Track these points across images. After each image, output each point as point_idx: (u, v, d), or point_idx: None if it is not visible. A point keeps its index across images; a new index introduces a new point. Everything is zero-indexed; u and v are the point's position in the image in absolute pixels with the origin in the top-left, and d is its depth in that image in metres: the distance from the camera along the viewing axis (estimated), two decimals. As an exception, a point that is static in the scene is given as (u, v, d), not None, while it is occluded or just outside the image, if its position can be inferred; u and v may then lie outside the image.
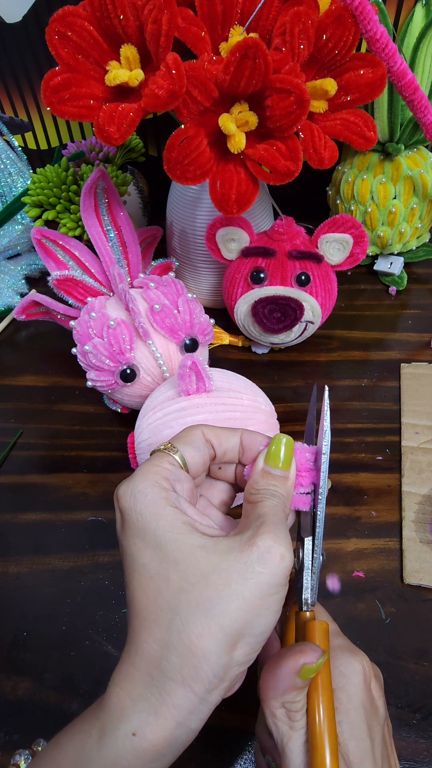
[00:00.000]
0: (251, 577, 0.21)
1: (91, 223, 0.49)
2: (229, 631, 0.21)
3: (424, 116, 0.50)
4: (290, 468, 0.26)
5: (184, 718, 0.21)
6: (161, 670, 0.21)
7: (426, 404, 0.51)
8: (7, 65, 0.64)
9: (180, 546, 0.22)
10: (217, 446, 0.27)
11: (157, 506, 0.23)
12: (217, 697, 0.22)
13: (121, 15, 0.40)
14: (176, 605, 0.22)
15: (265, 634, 0.22)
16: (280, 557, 0.22)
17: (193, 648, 0.21)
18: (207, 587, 0.21)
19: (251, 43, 0.37)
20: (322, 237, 0.50)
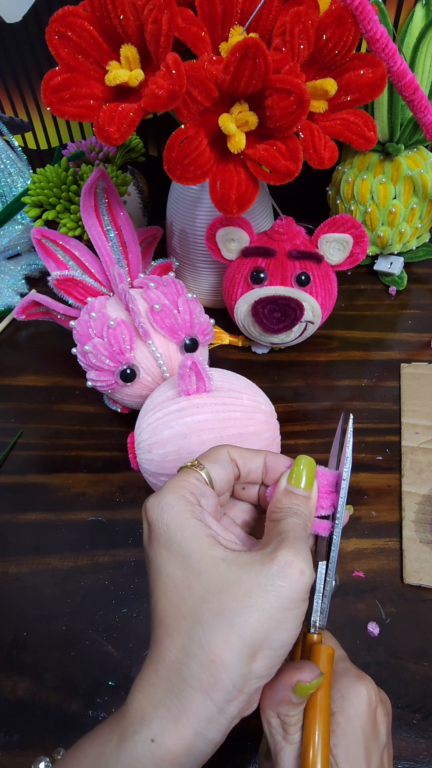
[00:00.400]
0: (272, 590, 0.22)
1: (91, 223, 0.49)
2: (249, 641, 0.22)
3: (424, 116, 0.50)
4: (312, 488, 0.27)
5: (203, 727, 0.21)
6: (181, 677, 0.22)
7: (426, 404, 0.51)
8: (7, 65, 0.64)
9: (203, 557, 0.23)
10: (242, 466, 0.28)
11: (182, 518, 0.24)
12: (235, 709, 0.22)
13: (121, 15, 0.40)
14: (198, 614, 0.22)
15: (285, 649, 0.23)
16: (300, 572, 0.22)
17: (213, 656, 0.21)
18: (228, 598, 0.22)
19: (251, 43, 0.37)
20: (322, 237, 0.50)
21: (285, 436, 0.46)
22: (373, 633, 0.38)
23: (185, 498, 0.25)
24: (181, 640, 0.22)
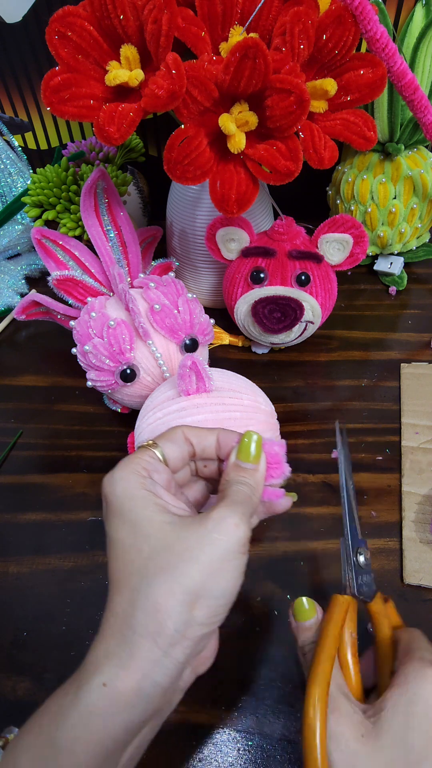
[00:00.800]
0: (208, 543, 0.24)
1: (91, 223, 0.49)
2: (189, 590, 0.24)
3: (424, 116, 0.50)
4: (259, 461, 0.28)
5: (150, 669, 0.23)
6: (130, 626, 0.24)
7: (426, 404, 0.51)
8: (7, 65, 0.64)
9: (151, 522, 0.25)
10: (196, 444, 0.30)
11: (132, 489, 0.26)
12: (180, 654, 0.24)
13: (121, 15, 0.40)
14: (144, 571, 0.24)
15: (225, 598, 0.25)
16: (234, 525, 0.25)
17: (157, 605, 0.24)
18: (171, 554, 0.24)
19: (251, 43, 0.37)
20: (322, 237, 0.50)
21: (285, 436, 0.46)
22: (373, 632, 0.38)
23: (137, 472, 0.27)
24: (129, 594, 0.24)
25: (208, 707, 0.36)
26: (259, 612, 0.40)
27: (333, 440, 0.50)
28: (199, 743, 0.34)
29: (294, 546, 0.43)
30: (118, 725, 0.23)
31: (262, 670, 0.37)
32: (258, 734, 0.35)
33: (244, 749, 0.34)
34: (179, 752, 0.34)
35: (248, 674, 0.37)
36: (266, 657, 0.38)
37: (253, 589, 0.41)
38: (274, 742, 0.34)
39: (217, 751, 0.34)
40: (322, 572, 0.41)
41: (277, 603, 0.40)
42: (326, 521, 0.44)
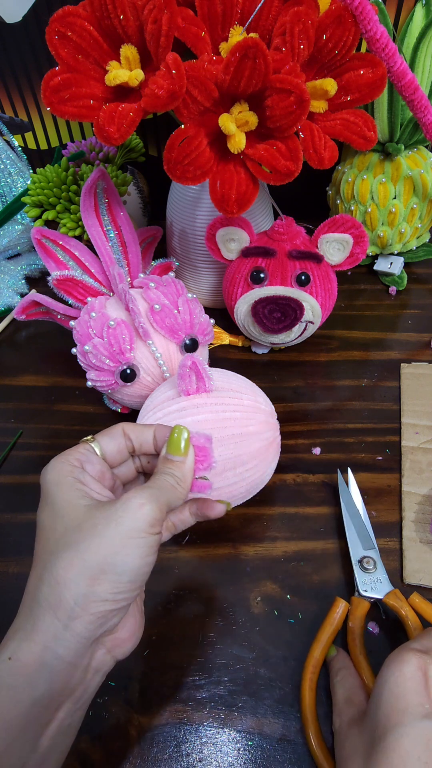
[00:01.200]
0: (113, 521, 0.25)
1: (91, 223, 0.49)
2: (91, 564, 0.24)
3: (424, 116, 0.50)
4: (187, 454, 0.30)
5: (50, 642, 0.24)
6: (36, 600, 0.25)
7: (426, 404, 0.51)
8: (7, 65, 0.64)
9: (68, 504, 0.27)
10: (134, 439, 0.31)
11: (60, 476, 0.28)
12: (82, 628, 0.24)
13: (121, 15, 0.40)
14: (54, 548, 0.26)
15: (129, 575, 0.25)
16: (138, 505, 0.26)
17: (59, 578, 0.24)
18: (79, 532, 0.25)
19: (251, 43, 0.37)
20: (322, 237, 0.50)
21: (285, 436, 0.46)
22: (374, 632, 0.38)
23: (68, 462, 0.28)
24: (39, 570, 0.26)
25: (208, 707, 0.36)
26: (259, 612, 0.40)
27: (333, 440, 0.50)
28: (199, 743, 0.34)
29: (294, 546, 0.43)
30: (25, 699, 0.23)
31: (261, 669, 0.37)
32: (258, 734, 0.35)
33: (244, 749, 0.34)
34: (179, 752, 0.34)
35: (248, 674, 0.37)
36: (266, 657, 0.38)
37: (253, 589, 0.41)
38: (274, 742, 0.34)
39: (217, 751, 0.34)
40: (322, 572, 0.41)
41: (277, 603, 0.40)
42: (326, 521, 0.44)
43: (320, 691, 0.36)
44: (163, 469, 0.29)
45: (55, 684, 0.24)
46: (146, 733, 0.35)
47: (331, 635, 0.37)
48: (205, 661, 0.38)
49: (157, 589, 0.41)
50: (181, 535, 0.44)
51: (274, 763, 0.34)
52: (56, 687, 0.24)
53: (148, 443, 0.32)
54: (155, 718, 0.35)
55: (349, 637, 0.37)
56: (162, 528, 0.27)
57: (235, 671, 0.37)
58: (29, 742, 0.24)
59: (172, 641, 0.39)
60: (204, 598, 0.40)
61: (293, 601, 0.40)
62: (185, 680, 0.37)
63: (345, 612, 0.38)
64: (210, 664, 0.37)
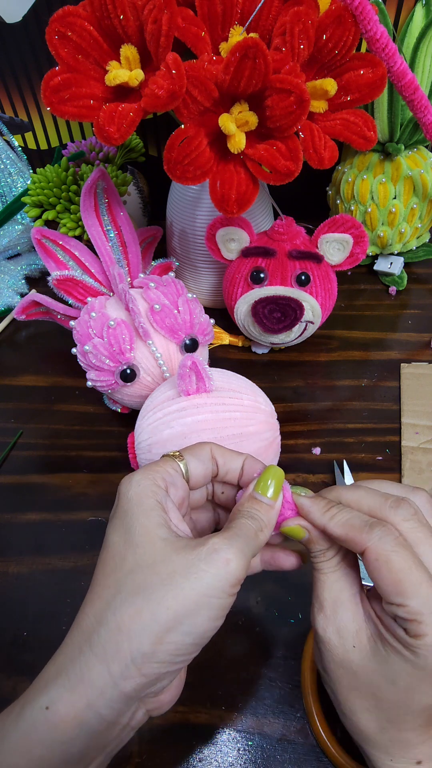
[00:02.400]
0: (194, 573, 0.22)
1: (91, 223, 0.49)
2: (160, 619, 0.22)
3: (424, 116, 0.50)
4: (277, 498, 0.27)
5: (95, 698, 0.21)
6: (90, 643, 0.22)
7: (426, 404, 0.51)
8: (7, 65, 0.64)
9: (145, 532, 0.24)
10: (221, 465, 0.28)
11: (144, 495, 0.25)
12: (131, 689, 0.22)
13: (121, 15, 0.40)
14: (121, 585, 0.23)
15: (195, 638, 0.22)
16: (225, 561, 0.22)
17: (122, 626, 0.22)
18: (153, 574, 0.22)
19: (251, 43, 0.37)
20: (322, 237, 0.50)
21: (285, 436, 0.46)
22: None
23: (154, 481, 0.25)
24: (101, 607, 0.23)
25: (208, 707, 0.36)
26: (259, 612, 0.40)
27: (333, 440, 0.50)
28: (199, 743, 0.34)
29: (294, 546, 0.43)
30: (57, 756, 0.21)
31: (262, 670, 0.37)
32: (258, 734, 0.35)
33: (244, 749, 0.34)
34: (179, 752, 0.34)
35: (248, 674, 0.37)
36: (266, 657, 0.38)
37: (253, 589, 0.41)
38: (274, 742, 0.34)
39: (217, 751, 0.34)
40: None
41: (277, 603, 0.40)
42: (326, 521, 0.44)
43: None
44: (249, 510, 0.26)
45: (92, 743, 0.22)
46: (146, 733, 0.35)
47: None
48: (205, 661, 0.38)
49: (157, 589, 0.41)
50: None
51: (274, 763, 0.34)
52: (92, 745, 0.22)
53: (234, 472, 0.28)
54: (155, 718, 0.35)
55: None
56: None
57: (235, 671, 0.37)
58: None
59: (172, 641, 0.39)
60: (204, 598, 0.40)
61: (293, 601, 0.40)
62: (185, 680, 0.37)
63: None
64: (210, 664, 0.37)
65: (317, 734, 0.34)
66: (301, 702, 0.36)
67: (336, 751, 0.33)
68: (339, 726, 0.34)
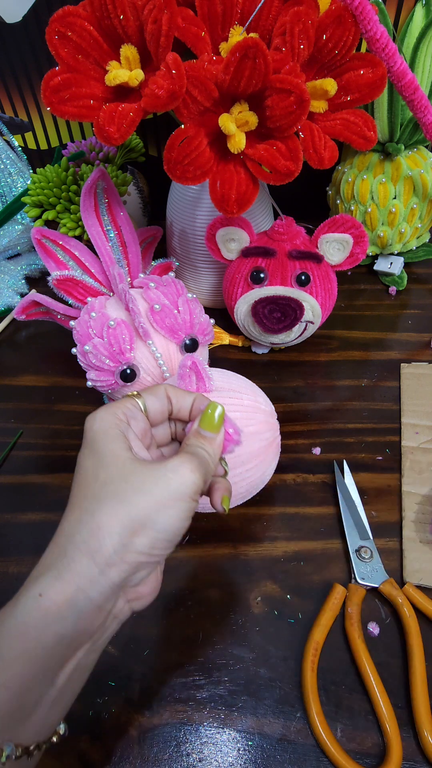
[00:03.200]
0: (163, 481, 0.26)
1: (91, 223, 0.49)
2: (134, 517, 0.25)
3: (424, 116, 0.50)
4: (219, 432, 0.30)
5: (84, 584, 0.25)
6: (72, 542, 0.25)
7: (426, 404, 0.51)
8: (7, 65, 0.64)
9: (114, 455, 0.27)
10: (175, 403, 0.32)
11: (107, 427, 0.28)
12: (116, 576, 0.25)
13: (121, 15, 0.40)
14: (97, 494, 0.26)
15: (167, 534, 0.26)
16: (190, 470, 0.27)
17: (101, 525, 0.25)
18: (125, 483, 0.26)
19: (251, 43, 0.37)
20: (322, 237, 0.50)
21: (285, 436, 0.46)
22: (373, 633, 0.38)
23: (116, 415, 0.29)
24: (80, 513, 0.26)
25: (208, 707, 0.36)
26: (259, 612, 0.40)
27: (333, 440, 0.50)
28: (199, 743, 0.34)
29: (294, 546, 0.43)
30: (51, 636, 0.24)
31: (261, 669, 0.37)
32: (258, 734, 0.35)
33: (244, 749, 0.34)
34: (179, 752, 0.34)
35: (248, 674, 0.37)
36: (266, 657, 0.38)
37: (253, 589, 0.41)
38: (274, 742, 0.34)
39: (217, 751, 0.34)
40: (322, 572, 0.41)
41: (277, 603, 0.40)
42: (326, 521, 0.44)
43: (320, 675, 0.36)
44: (196, 442, 0.29)
45: (80, 625, 0.25)
46: (146, 733, 0.35)
47: (330, 619, 0.38)
48: (205, 661, 0.38)
49: (157, 589, 0.41)
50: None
51: (274, 763, 0.34)
52: (81, 628, 0.25)
53: (185, 409, 0.32)
54: (155, 718, 0.35)
55: (347, 622, 0.38)
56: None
57: (235, 671, 0.37)
58: (48, 678, 0.24)
59: (172, 641, 0.39)
60: (204, 598, 0.40)
61: (293, 601, 0.40)
62: (185, 680, 0.37)
63: (343, 597, 0.39)
64: (210, 664, 0.37)
65: (317, 734, 0.34)
66: (301, 702, 0.36)
67: (336, 751, 0.33)
68: (339, 726, 0.34)
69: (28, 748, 0.24)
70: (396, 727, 0.34)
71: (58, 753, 0.34)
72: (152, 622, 0.39)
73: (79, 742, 0.35)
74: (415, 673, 0.35)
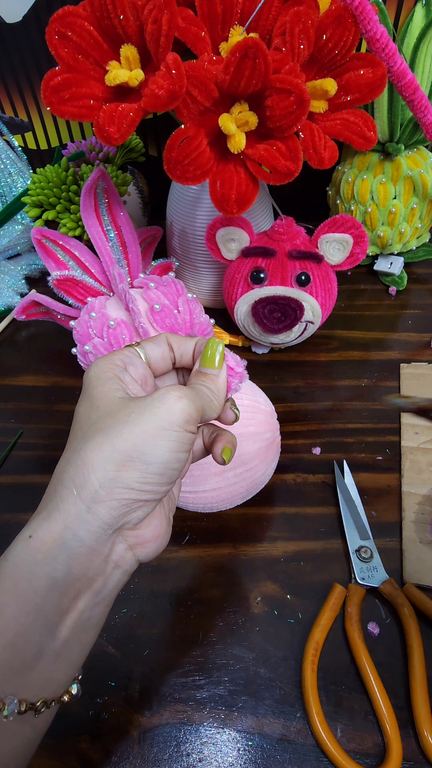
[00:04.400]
0: (148, 410, 0.25)
1: (91, 223, 0.49)
2: (120, 449, 0.24)
3: (424, 116, 0.50)
4: (221, 368, 0.29)
5: (72, 522, 0.24)
6: (61, 482, 0.25)
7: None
8: (7, 65, 0.64)
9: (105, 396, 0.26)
10: (176, 349, 0.31)
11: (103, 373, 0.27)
12: (105, 513, 0.24)
13: (121, 15, 0.40)
14: (86, 432, 0.25)
15: (158, 467, 0.25)
16: (177, 397, 0.25)
17: (86, 459, 0.24)
18: (112, 418, 0.25)
19: (251, 43, 0.37)
20: (322, 237, 0.50)
21: (285, 436, 0.46)
22: (374, 633, 0.38)
23: (113, 362, 0.28)
24: (69, 453, 0.25)
25: (208, 707, 0.36)
26: (259, 612, 0.40)
27: (333, 440, 0.50)
28: (199, 743, 0.34)
29: (294, 546, 0.43)
30: (43, 578, 0.23)
31: (261, 669, 0.37)
32: (258, 734, 0.35)
33: (244, 749, 0.34)
34: (179, 752, 0.34)
35: (248, 674, 0.37)
36: (266, 657, 0.38)
37: (253, 589, 0.41)
38: (274, 742, 0.34)
39: (217, 751, 0.34)
40: (322, 572, 0.41)
41: (277, 603, 0.40)
42: (326, 521, 0.44)
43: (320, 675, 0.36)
44: (197, 381, 0.29)
45: (74, 568, 0.24)
46: (146, 733, 0.35)
47: (330, 619, 0.38)
48: (205, 661, 0.38)
49: (157, 589, 0.41)
50: (181, 535, 0.44)
51: (274, 763, 0.34)
52: (75, 571, 0.24)
53: (188, 355, 0.31)
54: (155, 718, 0.35)
55: (347, 622, 0.38)
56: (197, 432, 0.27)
57: (235, 671, 0.37)
58: (47, 627, 0.24)
59: (172, 641, 0.39)
60: (204, 598, 0.41)
61: (293, 601, 0.40)
62: (185, 680, 0.37)
63: (343, 597, 0.39)
64: (210, 664, 0.37)
65: (317, 734, 0.34)
66: (301, 702, 0.36)
67: (336, 751, 0.33)
68: (339, 726, 0.34)
69: (34, 704, 0.23)
70: (396, 727, 0.34)
71: (58, 753, 0.34)
72: (152, 622, 0.39)
73: (79, 742, 0.35)
74: (415, 673, 0.35)
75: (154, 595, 0.41)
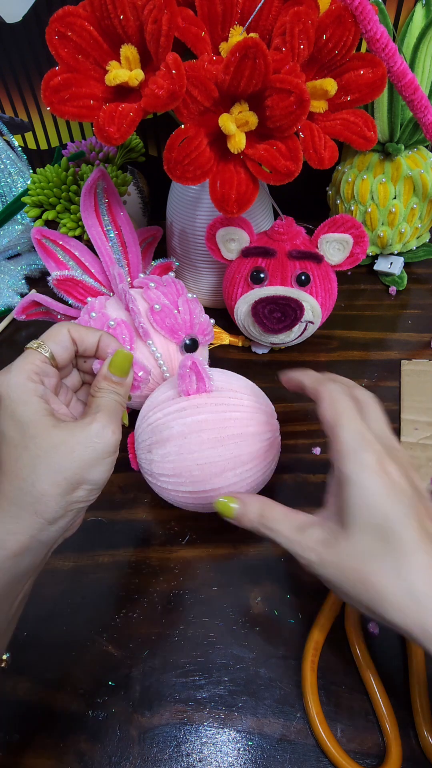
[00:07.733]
0: (90, 446, 0.30)
1: (91, 223, 0.49)
2: (71, 480, 0.29)
3: (424, 116, 0.50)
4: (127, 376, 0.33)
5: (36, 533, 0.29)
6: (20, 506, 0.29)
7: (426, 401, 0.51)
8: (7, 65, 0.64)
9: (38, 425, 0.29)
10: (80, 343, 0.33)
11: (26, 395, 0.30)
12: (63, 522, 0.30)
13: (121, 15, 0.40)
14: (33, 466, 0.29)
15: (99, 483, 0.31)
16: (111, 432, 0.30)
17: (45, 492, 0.29)
18: (57, 454, 0.29)
19: (251, 43, 0.37)
20: (322, 237, 0.50)
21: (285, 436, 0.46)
22: (374, 633, 0.38)
23: (31, 378, 0.30)
24: (20, 483, 0.29)
25: (208, 707, 0.36)
26: (259, 612, 0.40)
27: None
28: (199, 743, 0.34)
29: (294, 546, 0.43)
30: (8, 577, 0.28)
31: (261, 669, 0.37)
32: (258, 734, 0.35)
33: (244, 749, 0.34)
34: (179, 752, 0.34)
35: (248, 674, 0.37)
36: (266, 657, 0.38)
37: (253, 589, 0.41)
38: (274, 742, 0.34)
39: (217, 751, 0.34)
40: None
41: (277, 603, 0.40)
42: (326, 521, 0.44)
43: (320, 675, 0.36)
44: (107, 387, 0.32)
45: (33, 563, 0.29)
46: (146, 733, 0.35)
47: (330, 619, 0.38)
48: (205, 661, 0.38)
49: (157, 589, 0.41)
50: (181, 535, 0.44)
51: (274, 763, 0.34)
52: (33, 565, 0.29)
53: (91, 348, 0.34)
54: (155, 718, 0.35)
55: (347, 622, 0.38)
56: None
57: (235, 671, 0.37)
58: (5, 611, 0.29)
59: (172, 641, 0.39)
60: (204, 598, 0.41)
61: (293, 601, 0.40)
62: (185, 680, 0.37)
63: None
64: (210, 664, 0.37)
65: (317, 734, 0.34)
66: (301, 702, 0.36)
67: (336, 751, 0.33)
68: (339, 726, 0.34)
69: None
70: (396, 727, 0.34)
71: (58, 753, 0.34)
72: (152, 622, 0.39)
73: (79, 742, 0.35)
74: (415, 673, 0.35)
75: (154, 595, 0.41)
